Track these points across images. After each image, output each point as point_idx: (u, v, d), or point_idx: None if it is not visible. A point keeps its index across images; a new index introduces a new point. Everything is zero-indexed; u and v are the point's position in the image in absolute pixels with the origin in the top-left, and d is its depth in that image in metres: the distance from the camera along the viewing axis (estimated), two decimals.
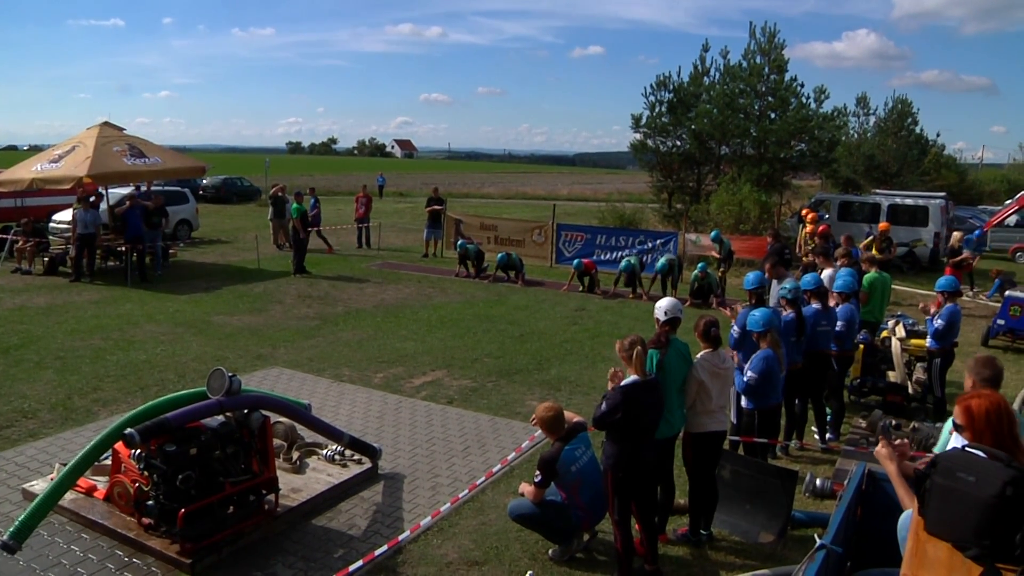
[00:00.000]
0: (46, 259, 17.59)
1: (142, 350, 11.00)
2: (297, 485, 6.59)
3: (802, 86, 25.86)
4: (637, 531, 5.53)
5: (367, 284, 17.23)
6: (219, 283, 16.68)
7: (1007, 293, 13.44)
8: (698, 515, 6.09)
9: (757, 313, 6.74)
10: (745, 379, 6.63)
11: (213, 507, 5.53)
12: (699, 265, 16.14)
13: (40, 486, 6.19)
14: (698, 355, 5.97)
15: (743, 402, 6.84)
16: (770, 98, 26.03)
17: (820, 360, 8.03)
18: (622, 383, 5.28)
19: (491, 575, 5.51)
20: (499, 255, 18.32)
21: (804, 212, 18.46)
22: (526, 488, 5.84)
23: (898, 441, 3.98)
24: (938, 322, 8.76)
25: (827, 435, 8.32)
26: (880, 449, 3.85)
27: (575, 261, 17.52)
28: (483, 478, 6.85)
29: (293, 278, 17.56)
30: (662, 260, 16.72)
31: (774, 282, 9.41)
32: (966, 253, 15.59)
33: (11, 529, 5.07)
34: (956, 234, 17.17)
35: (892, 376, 9.65)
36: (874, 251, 14.09)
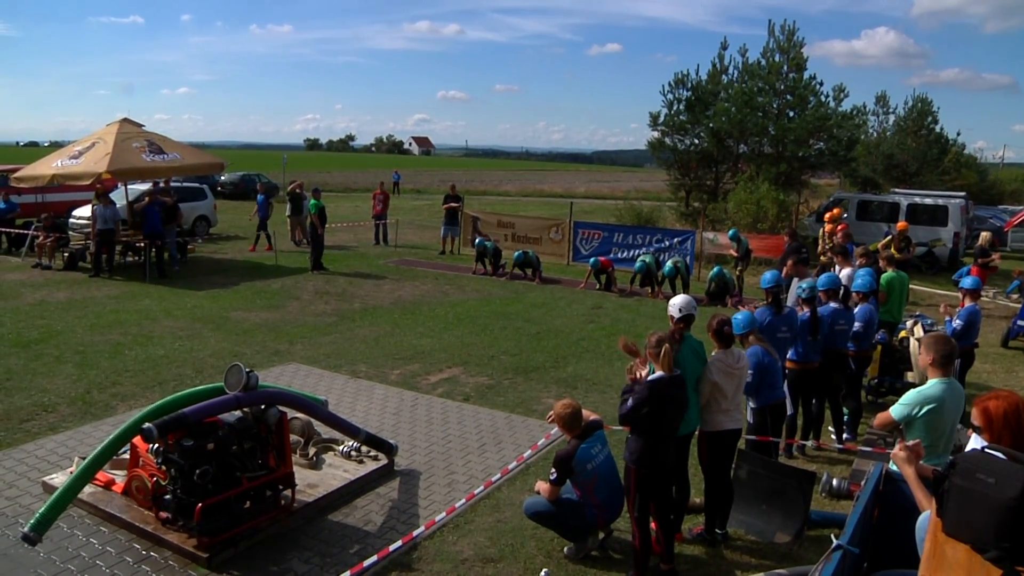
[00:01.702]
0: (66, 254, 17.77)
1: (160, 345, 11.07)
2: (313, 481, 6.62)
3: (821, 84, 25.69)
4: (653, 529, 5.52)
5: (384, 281, 17.27)
6: (237, 279, 16.76)
7: None
8: (714, 514, 6.08)
9: (739, 316, 6.73)
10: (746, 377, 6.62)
11: (230, 502, 5.56)
12: (714, 270, 16.08)
13: (60, 479, 6.26)
14: (711, 355, 5.96)
15: (750, 402, 6.83)
16: (789, 96, 25.86)
17: (837, 360, 8.00)
18: (649, 378, 5.27)
19: (506, 572, 5.51)
20: (516, 253, 18.32)
21: (836, 211, 18.17)
22: (542, 486, 5.84)
23: (913, 442, 3.96)
24: (956, 323, 8.69)
25: (844, 435, 8.28)
26: (897, 451, 3.82)
27: (592, 259, 17.47)
28: (499, 475, 6.86)
29: (310, 274, 17.63)
30: (668, 264, 16.66)
31: (794, 280, 9.36)
32: (995, 255, 15.43)
33: (31, 521, 5.12)
34: (985, 234, 17.03)
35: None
36: (893, 250, 13.98)
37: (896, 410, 4.86)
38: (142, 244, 17.13)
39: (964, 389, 8.68)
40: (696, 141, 27.56)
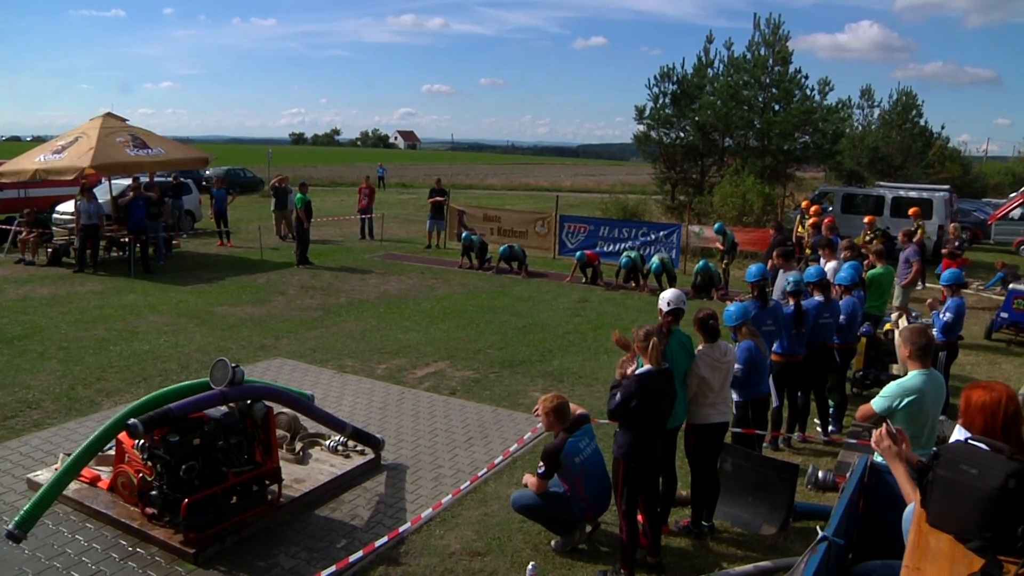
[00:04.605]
0: (49, 250, 17.63)
1: (145, 341, 11.02)
2: (300, 475, 6.61)
3: (806, 78, 25.80)
4: (640, 522, 5.54)
5: (370, 275, 17.23)
6: (222, 274, 16.70)
7: (1011, 286, 13.39)
8: (700, 507, 6.10)
9: (731, 308, 6.76)
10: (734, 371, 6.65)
11: (216, 497, 5.55)
12: (699, 263, 16.08)
13: (44, 476, 6.21)
14: (698, 349, 5.98)
15: (734, 395, 6.85)
16: (774, 90, 25.94)
17: (823, 353, 8.04)
18: (637, 372, 5.28)
19: (493, 566, 5.52)
20: (502, 247, 18.29)
21: (804, 204, 18.41)
22: (529, 479, 5.85)
23: (895, 428, 3.90)
24: (947, 315, 8.75)
25: (829, 427, 8.33)
26: (884, 444, 3.73)
27: (578, 253, 17.48)
28: (485, 469, 6.86)
29: (296, 269, 17.57)
30: (655, 261, 16.59)
31: (780, 273, 9.40)
32: (952, 244, 15.51)
33: (16, 518, 5.10)
34: (953, 225, 17.21)
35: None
36: (860, 240, 13.99)
37: (877, 402, 4.88)
38: (126, 239, 17.03)
39: (949, 382, 8.80)
40: (682, 134, 27.66)
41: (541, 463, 5.63)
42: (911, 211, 17.24)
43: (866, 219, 16.06)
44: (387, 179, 51.01)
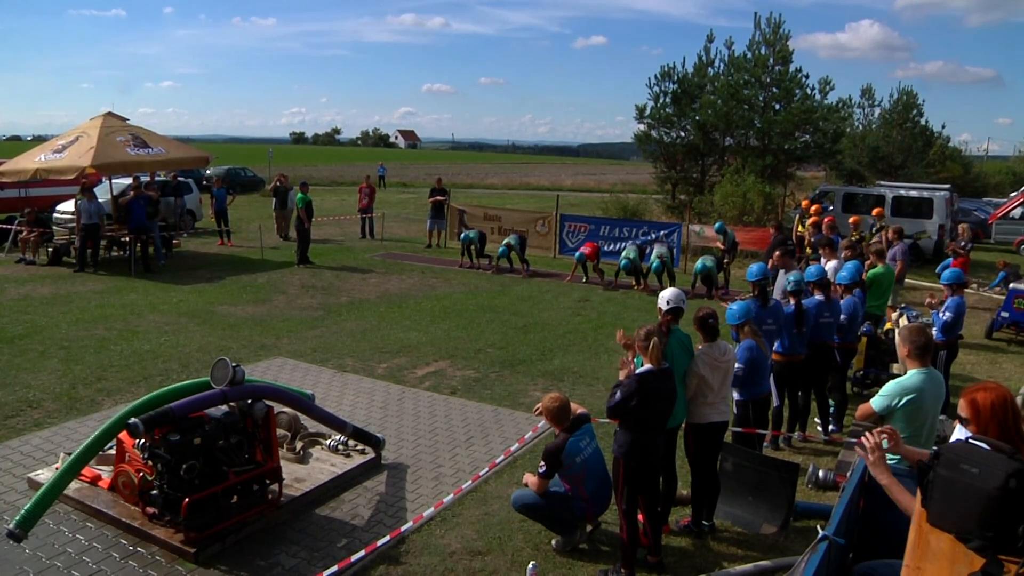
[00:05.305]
0: (50, 249, 17.63)
1: (146, 340, 11.02)
2: (300, 475, 6.61)
3: (807, 77, 25.78)
4: (641, 522, 5.54)
5: (370, 274, 17.23)
6: (222, 273, 16.70)
7: (1012, 286, 13.39)
8: (701, 506, 6.10)
9: (734, 306, 6.76)
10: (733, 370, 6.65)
11: (217, 496, 5.56)
12: (698, 264, 15.92)
13: (45, 475, 6.22)
14: (697, 348, 5.98)
15: (735, 394, 6.84)
16: (775, 89, 25.93)
17: (823, 352, 8.03)
18: (637, 371, 5.28)
19: (494, 565, 5.52)
20: (500, 248, 18.22)
21: (804, 203, 18.36)
22: (530, 479, 5.85)
23: (886, 427, 3.82)
24: (946, 315, 8.75)
25: (830, 427, 8.33)
26: (871, 458, 3.57)
27: (577, 253, 17.43)
28: (486, 469, 6.85)
29: (296, 268, 17.58)
30: (655, 261, 16.36)
31: (781, 272, 9.40)
32: (951, 244, 15.50)
33: (17, 518, 5.10)
34: (963, 225, 17.19)
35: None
36: (853, 236, 13.94)
37: (876, 401, 4.89)
38: (127, 238, 17.03)
39: (949, 381, 8.78)
40: (682, 134, 27.66)
41: (542, 462, 5.63)
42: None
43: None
44: (388, 178, 51.01)
